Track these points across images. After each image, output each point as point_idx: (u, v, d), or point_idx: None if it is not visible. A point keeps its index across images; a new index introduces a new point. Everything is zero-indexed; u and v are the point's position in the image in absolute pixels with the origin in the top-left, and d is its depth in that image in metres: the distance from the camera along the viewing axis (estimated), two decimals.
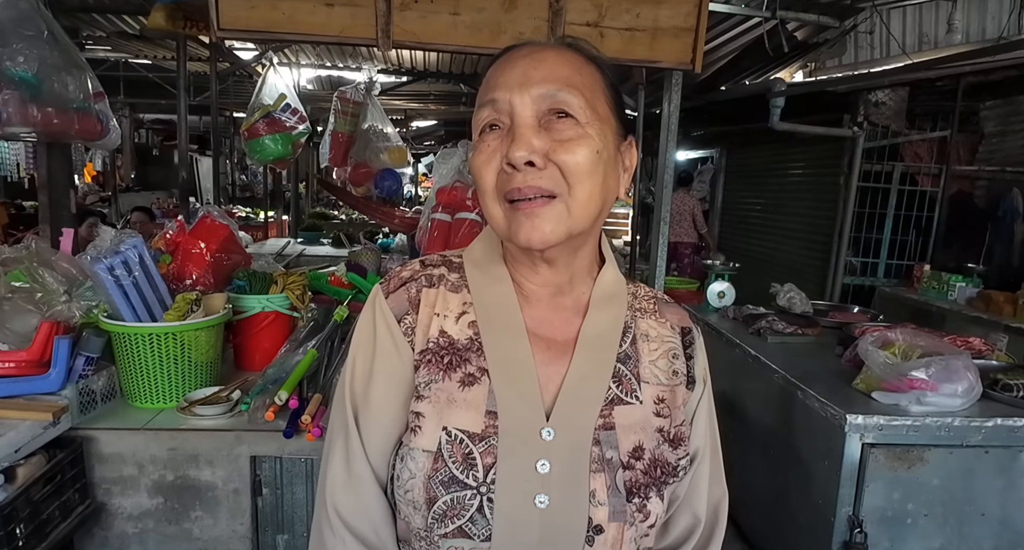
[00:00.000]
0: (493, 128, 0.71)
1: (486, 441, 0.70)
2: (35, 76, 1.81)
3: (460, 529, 0.69)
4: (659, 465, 0.74)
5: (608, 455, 0.72)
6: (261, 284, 1.92)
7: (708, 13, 2.12)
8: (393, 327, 0.76)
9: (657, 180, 2.61)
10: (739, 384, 2.51)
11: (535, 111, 0.69)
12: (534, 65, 0.70)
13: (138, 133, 10.11)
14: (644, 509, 0.72)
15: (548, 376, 0.74)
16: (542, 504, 0.69)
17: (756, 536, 2.39)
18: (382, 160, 4.50)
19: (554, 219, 0.68)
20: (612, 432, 0.73)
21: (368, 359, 0.76)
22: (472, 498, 0.68)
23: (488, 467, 0.69)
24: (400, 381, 0.75)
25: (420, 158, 13.21)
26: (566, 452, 0.71)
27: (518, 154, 0.66)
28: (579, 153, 0.68)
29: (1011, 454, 1.78)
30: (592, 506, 0.70)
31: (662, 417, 0.77)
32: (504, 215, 0.70)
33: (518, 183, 0.67)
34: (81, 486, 1.45)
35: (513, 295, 0.77)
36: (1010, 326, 3.11)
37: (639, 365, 0.78)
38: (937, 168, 4.45)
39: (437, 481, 0.69)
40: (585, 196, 0.69)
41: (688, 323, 0.85)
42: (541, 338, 0.76)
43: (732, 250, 6.13)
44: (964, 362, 1.82)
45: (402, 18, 1.98)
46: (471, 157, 0.73)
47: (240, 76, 5.25)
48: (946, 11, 4.75)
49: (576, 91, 0.69)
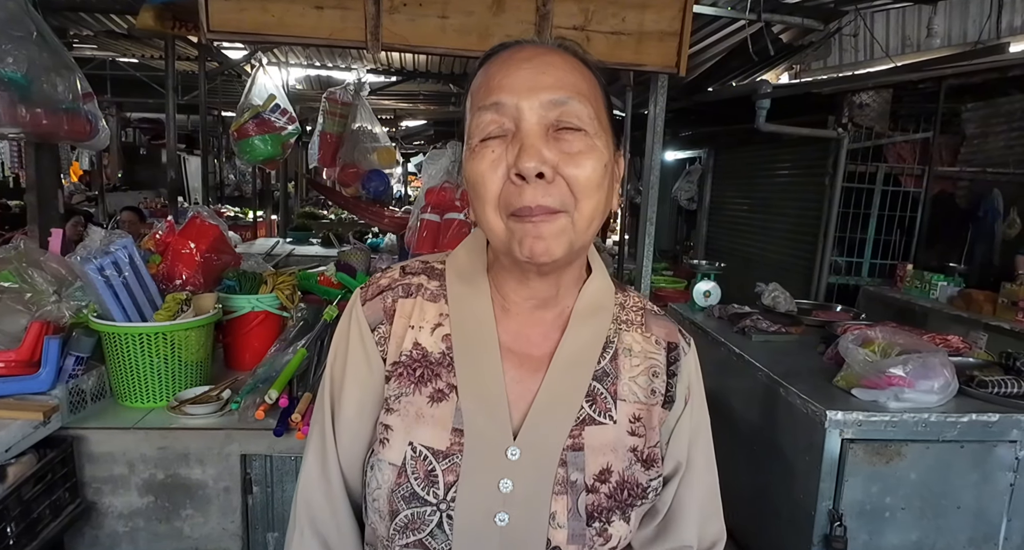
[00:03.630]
0: (494, 134, 0.67)
1: (450, 458, 0.69)
2: (24, 77, 1.82)
3: (420, 542, 0.69)
4: (627, 487, 0.73)
5: (573, 477, 0.70)
6: (251, 284, 1.93)
7: (693, 17, 2.16)
8: (366, 336, 0.75)
9: (644, 181, 2.65)
10: (724, 382, 2.55)
11: (543, 119, 0.65)
12: (542, 69, 0.67)
13: (125, 132, 10.02)
14: (604, 533, 0.71)
15: (519, 393, 0.72)
16: (502, 522, 0.69)
17: (739, 530, 2.43)
18: (371, 160, 4.51)
19: (559, 234, 0.65)
20: (580, 453, 0.71)
21: (342, 366, 0.77)
22: (432, 514, 0.69)
23: (449, 485, 0.69)
24: (369, 391, 0.75)
25: (409, 158, 13.18)
26: (530, 472, 0.70)
27: (529, 165, 0.63)
28: (588, 167, 0.65)
29: (986, 449, 1.83)
30: (551, 528, 0.69)
31: (637, 436, 0.75)
32: (505, 228, 0.67)
33: (528, 201, 0.64)
34: (71, 485, 1.46)
35: (490, 309, 0.75)
36: (990, 324, 3.16)
37: (617, 382, 0.76)
38: (920, 169, 4.52)
39: (399, 495, 0.69)
40: (591, 210, 0.67)
41: (676, 338, 0.82)
42: (516, 354, 0.74)
43: (719, 250, 6.18)
44: (941, 359, 1.86)
45: (391, 21, 2.00)
46: (468, 162, 0.69)
47: (229, 75, 5.23)
48: (927, 15, 4.83)
49: (585, 100, 0.67)
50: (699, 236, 6.74)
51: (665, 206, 7.00)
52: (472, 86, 0.72)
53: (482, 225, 0.70)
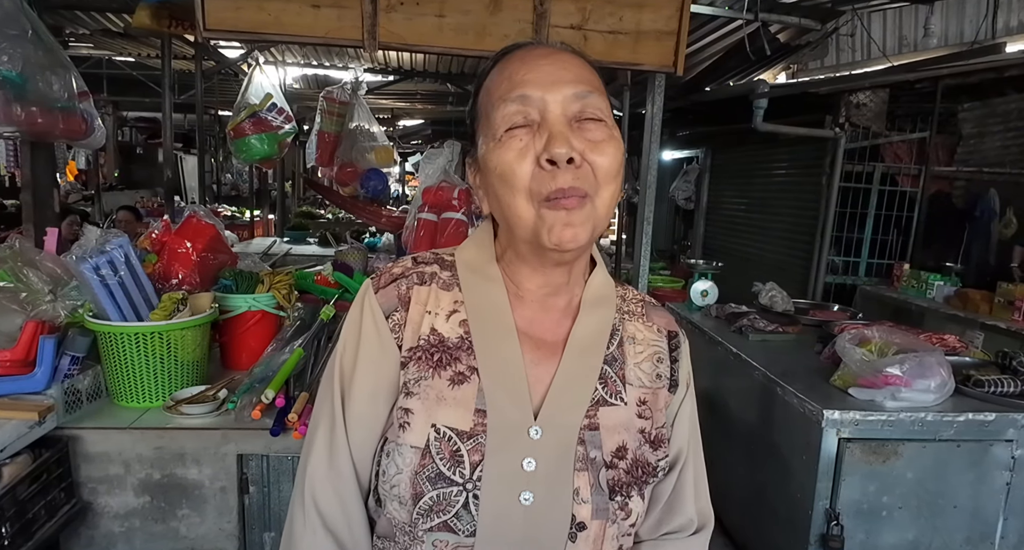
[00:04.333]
0: (520, 123, 0.70)
1: (474, 439, 0.71)
2: (20, 75, 1.81)
3: (445, 524, 0.70)
4: (640, 465, 0.75)
5: (592, 454, 0.73)
6: (247, 283, 1.92)
7: (690, 16, 2.16)
8: (380, 323, 0.76)
9: (641, 180, 2.65)
10: (721, 381, 2.55)
11: (567, 110, 0.70)
12: (562, 65, 0.72)
13: (121, 131, 10.00)
14: (626, 507, 0.73)
15: (537, 376, 0.75)
16: (527, 501, 0.70)
17: (736, 529, 2.43)
18: (369, 160, 4.50)
19: (586, 220, 0.69)
20: (596, 432, 0.74)
21: (353, 354, 0.77)
22: (458, 495, 0.69)
23: (475, 464, 0.70)
24: (383, 377, 0.75)
25: (407, 157, 13.18)
26: (552, 450, 0.72)
27: (561, 151, 0.66)
28: (609, 154, 0.70)
29: (982, 448, 1.83)
30: (575, 504, 0.71)
31: (644, 419, 0.78)
32: (536, 215, 0.69)
33: (561, 183, 0.67)
34: (67, 485, 1.45)
35: (505, 295, 0.77)
36: (986, 324, 3.17)
37: (624, 367, 0.79)
38: (917, 169, 4.53)
39: (424, 477, 0.70)
40: (610, 197, 0.71)
41: (675, 327, 0.86)
42: (531, 338, 0.77)
43: (716, 249, 6.19)
44: (937, 359, 1.86)
45: (388, 20, 2.00)
46: (494, 153, 0.71)
47: (226, 74, 5.22)
48: (924, 15, 4.84)
49: (601, 95, 0.72)
50: (696, 236, 6.75)
51: (662, 206, 7.02)
52: (487, 83, 0.75)
53: (508, 213, 0.72)
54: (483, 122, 0.74)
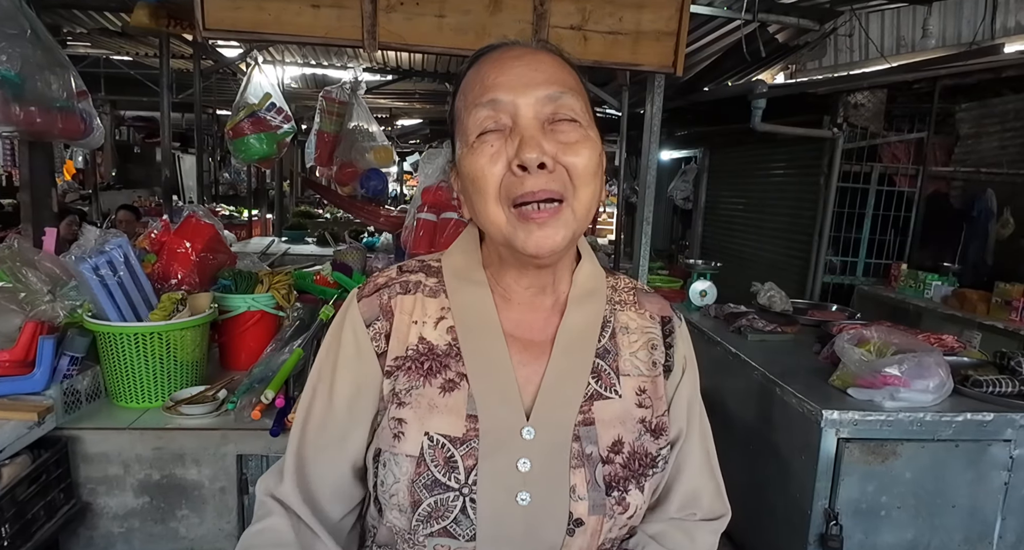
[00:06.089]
0: (491, 128, 0.69)
1: (467, 444, 0.71)
2: (18, 75, 1.81)
3: (445, 529, 0.70)
4: (638, 457, 0.75)
5: (588, 450, 0.73)
6: (246, 283, 1.92)
7: (690, 17, 2.16)
8: (359, 331, 0.77)
9: (640, 180, 2.65)
10: (720, 381, 2.56)
11: (539, 113, 0.69)
12: (534, 67, 0.70)
13: (119, 130, 9.96)
14: (623, 502, 0.74)
15: (527, 376, 0.75)
16: (524, 501, 0.70)
17: (735, 529, 2.43)
18: (368, 160, 4.50)
19: (562, 226, 0.69)
20: (592, 427, 0.74)
21: (332, 358, 0.78)
22: (455, 500, 0.70)
23: (469, 469, 0.70)
24: (359, 382, 0.76)
25: (405, 156, 13.18)
26: (546, 449, 0.72)
27: (531, 156, 0.66)
28: (584, 155, 0.69)
29: (980, 447, 1.84)
30: (572, 501, 0.71)
31: (644, 408, 0.78)
32: (507, 221, 0.69)
33: (530, 187, 0.67)
34: (66, 486, 1.45)
35: (490, 299, 0.78)
36: (983, 324, 3.18)
37: (619, 358, 0.79)
38: (914, 169, 4.53)
39: (420, 485, 0.70)
40: (588, 198, 0.70)
41: (668, 312, 0.86)
42: (519, 339, 0.77)
43: (714, 249, 6.19)
44: (936, 359, 1.87)
45: (388, 19, 2.00)
46: (467, 158, 0.71)
47: (224, 74, 5.21)
48: (922, 15, 4.85)
49: (576, 94, 0.71)
50: (695, 235, 6.75)
51: (661, 205, 7.00)
52: (462, 86, 0.75)
53: (482, 218, 0.72)
54: (459, 126, 0.74)
